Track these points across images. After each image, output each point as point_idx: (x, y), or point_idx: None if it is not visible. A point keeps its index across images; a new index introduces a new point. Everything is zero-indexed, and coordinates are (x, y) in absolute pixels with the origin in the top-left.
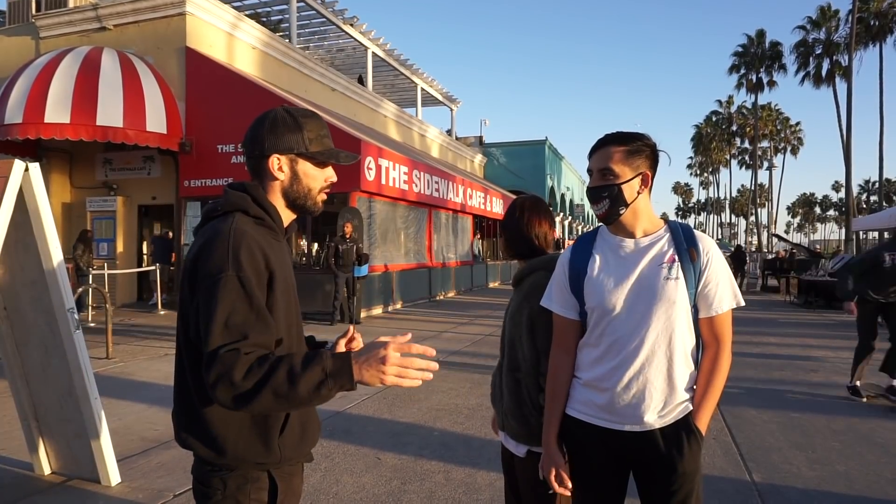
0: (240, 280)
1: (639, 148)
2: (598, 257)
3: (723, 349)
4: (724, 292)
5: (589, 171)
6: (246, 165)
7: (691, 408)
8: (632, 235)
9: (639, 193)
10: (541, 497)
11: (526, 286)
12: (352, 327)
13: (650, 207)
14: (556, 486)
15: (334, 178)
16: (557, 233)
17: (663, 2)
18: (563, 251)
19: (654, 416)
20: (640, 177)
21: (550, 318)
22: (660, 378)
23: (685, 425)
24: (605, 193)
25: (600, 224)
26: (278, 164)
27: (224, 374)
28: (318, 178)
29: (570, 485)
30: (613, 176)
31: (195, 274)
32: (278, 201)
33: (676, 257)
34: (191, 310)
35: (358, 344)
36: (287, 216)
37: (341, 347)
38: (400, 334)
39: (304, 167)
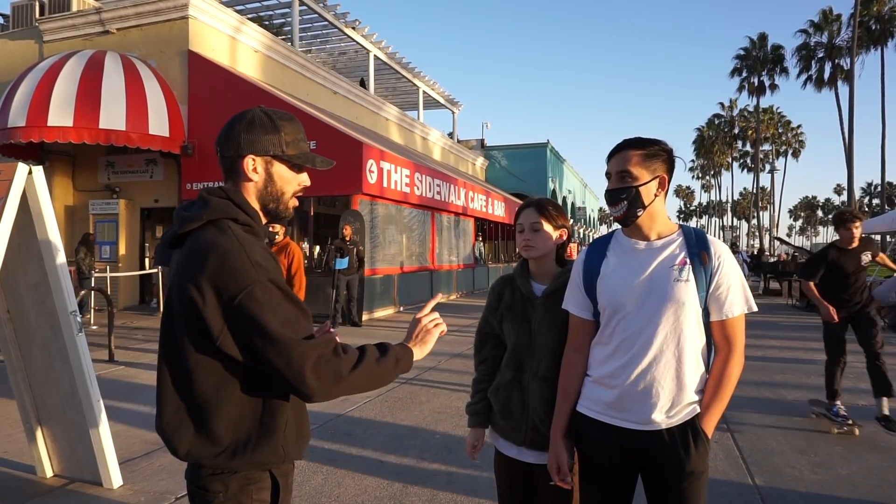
0: (274, 283)
1: (656, 152)
2: (611, 258)
3: (734, 353)
4: (736, 296)
5: (607, 174)
6: (220, 165)
7: (699, 410)
8: (646, 238)
9: (655, 196)
10: (561, 500)
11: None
12: (327, 324)
13: (665, 211)
14: (557, 479)
15: (307, 183)
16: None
17: (665, 4)
18: (576, 257)
19: (662, 416)
20: (658, 180)
21: None
22: (668, 377)
23: (692, 427)
24: (624, 195)
25: (616, 228)
26: (253, 165)
27: (322, 356)
28: (292, 182)
29: (570, 479)
30: (631, 178)
31: (223, 293)
32: (254, 203)
33: (688, 260)
34: (219, 327)
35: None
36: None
37: None
38: (405, 330)
39: (280, 170)
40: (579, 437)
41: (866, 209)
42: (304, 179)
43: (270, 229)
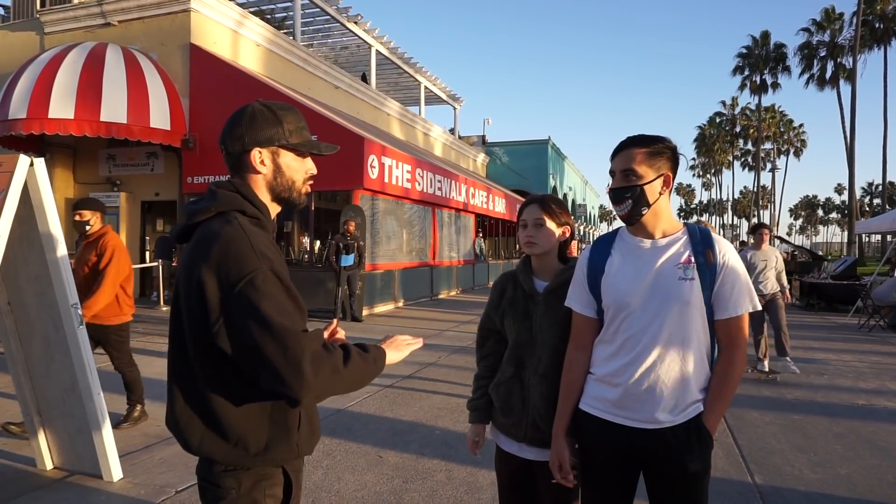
0: (274, 273)
1: (660, 150)
2: (616, 257)
3: (737, 352)
4: (740, 296)
5: (611, 172)
6: (225, 162)
7: (703, 408)
8: (651, 236)
9: (660, 194)
10: (561, 497)
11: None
12: (335, 321)
13: (670, 209)
14: (558, 477)
15: (314, 170)
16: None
17: (667, 2)
18: (580, 252)
19: (665, 414)
20: (662, 178)
21: None
22: (672, 376)
23: (696, 425)
24: (628, 194)
25: (620, 225)
26: (260, 158)
27: (317, 351)
28: (300, 171)
29: (572, 477)
30: (636, 177)
31: (223, 280)
32: (264, 196)
33: (692, 259)
34: (216, 315)
35: (341, 336)
36: (273, 210)
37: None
38: (402, 332)
39: (286, 159)
40: (581, 434)
41: (867, 209)
42: (310, 167)
43: (77, 218)
